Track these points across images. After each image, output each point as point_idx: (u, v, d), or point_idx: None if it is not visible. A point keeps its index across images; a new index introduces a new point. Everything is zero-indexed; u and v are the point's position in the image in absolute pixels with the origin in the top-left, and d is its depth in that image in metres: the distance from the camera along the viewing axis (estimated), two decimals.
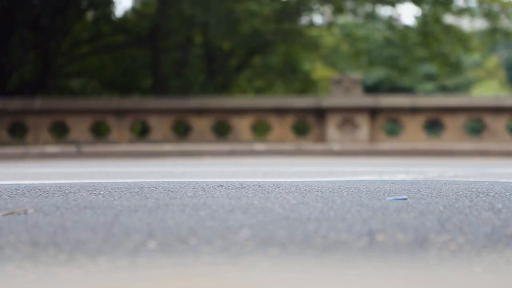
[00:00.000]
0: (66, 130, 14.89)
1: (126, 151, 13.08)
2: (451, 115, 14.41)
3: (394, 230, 2.55)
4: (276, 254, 2.25)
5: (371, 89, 29.77)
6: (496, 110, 14.30)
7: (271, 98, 17.54)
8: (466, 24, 25.28)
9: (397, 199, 3.47)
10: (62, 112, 14.75)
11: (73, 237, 2.48)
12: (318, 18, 23.82)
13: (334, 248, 2.33)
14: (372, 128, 14.42)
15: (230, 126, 14.84)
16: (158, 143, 14.17)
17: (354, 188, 4.01)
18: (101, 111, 14.81)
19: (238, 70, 23.17)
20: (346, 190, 3.86)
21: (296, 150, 13.24)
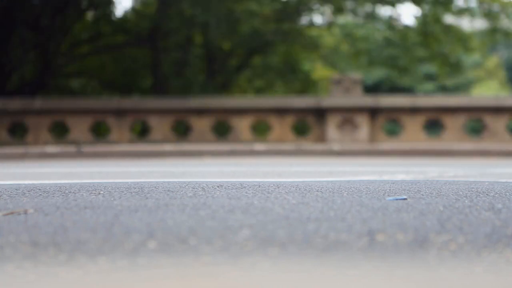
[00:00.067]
0: (66, 130, 14.89)
1: (126, 151, 13.08)
2: (451, 115, 14.41)
3: (394, 230, 2.55)
4: (276, 254, 2.25)
5: (371, 89, 29.77)
6: (496, 110, 14.30)
7: (271, 98, 17.54)
8: (466, 24, 25.28)
9: (397, 199, 3.47)
10: (62, 112, 14.75)
11: (73, 237, 2.48)
12: (318, 18, 23.84)
13: (334, 248, 2.33)
14: (372, 128, 14.42)
15: (230, 126, 14.84)
16: (158, 143, 14.17)
17: (354, 188, 4.01)
18: (101, 111, 14.82)
19: (238, 70, 23.17)
20: (346, 190, 3.86)
21: (296, 150, 13.24)
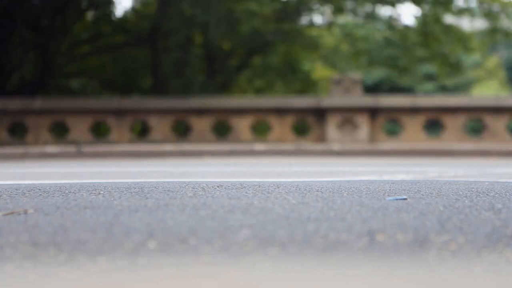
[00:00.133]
0: (66, 130, 14.89)
1: (126, 151, 13.08)
2: (451, 115, 14.41)
3: (394, 230, 2.55)
4: (276, 254, 2.25)
5: (371, 89, 29.77)
6: (496, 110, 14.30)
7: (271, 98, 17.54)
8: (466, 24, 25.28)
9: (397, 199, 3.47)
10: (62, 112, 14.75)
11: (73, 237, 2.48)
12: (318, 18, 23.84)
13: (334, 248, 2.33)
14: (372, 128, 14.42)
15: (230, 126, 14.84)
16: (158, 143, 14.17)
17: (354, 188, 4.01)
18: (101, 111, 14.82)
19: (238, 70, 23.17)
20: (346, 190, 3.86)
21: (296, 150, 13.24)
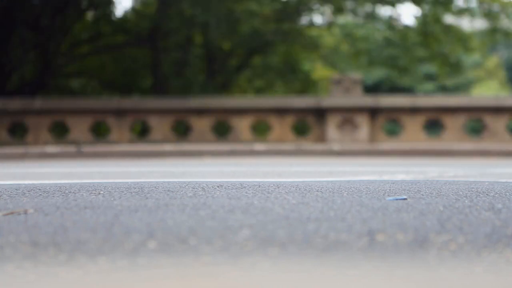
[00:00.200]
0: (66, 130, 14.89)
1: (126, 151, 13.08)
2: (451, 115, 14.41)
3: (394, 230, 2.55)
4: (276, 254, 2.25)
5: (371, 89, 29.76)
6: (496, 110, 14.30)
7: (271, 98, 17.54)
8: (466, 24, 25.28)
9: (397, 199, 3.47)
10: (62, 112, 14.75)
11: (73, 237, 2.48)
12: (318, 18, 23.84)
13: (334, 248, 2.33)
14: (372, 128, 14.42)
15: (230, 126, 14.84)
16: (158, 143, 14.17)
17: (354, 188, 4.01)
18: (101, 111, 14.82)
19: (238, 70, 23.17)
20: (346, 190, 3.86)
21: (296, 150, 13.24)
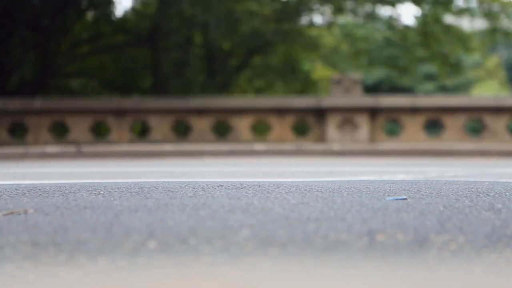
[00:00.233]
0: (66, 130, 14.89)
1: (126, 151, 13.08)
2: (451, 115, 14.40)
3: (394, 230, 2.55)
4: (276, 254, 2.25)
5: (371, 89, 29.76)
6: (496, 110, 14.30)
7: (271, 98, 17.53)
8: (466, 24, 25.28)
9: (397, 199, 3.47)
10: (62, 112, 14.75)
11: (73, 237, 2.48)
12: (318, 18, 23.84)
13: (334, 248, 2.33)
14: (372, 128, 14.42)
15: (230, 126, 14.83)
16: (158, 143, 14.17)
17: (354, 188, 4.01)
18: (101, 111, 14.81)
19: (238, 70, 23.17)
20: (346, 190, 3.86)
21: (296, 150, 13.24)
